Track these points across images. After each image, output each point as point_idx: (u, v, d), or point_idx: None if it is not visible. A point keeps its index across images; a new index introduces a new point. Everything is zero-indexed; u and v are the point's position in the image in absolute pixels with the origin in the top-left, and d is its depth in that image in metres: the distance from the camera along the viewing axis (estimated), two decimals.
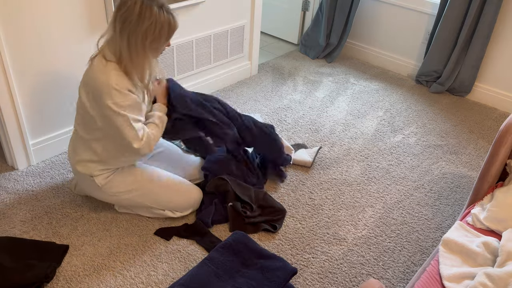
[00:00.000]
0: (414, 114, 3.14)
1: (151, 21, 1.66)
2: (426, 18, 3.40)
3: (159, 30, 1.69)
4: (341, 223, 2.18)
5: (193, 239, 2.02)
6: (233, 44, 3.20)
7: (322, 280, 1.89)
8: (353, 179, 2.48)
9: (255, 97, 3.20)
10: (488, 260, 1.55)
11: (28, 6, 2.04)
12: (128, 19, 1.66)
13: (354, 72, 3.68)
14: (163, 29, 1.69)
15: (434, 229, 2.19)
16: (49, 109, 2.34)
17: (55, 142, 2.44)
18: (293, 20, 4.03)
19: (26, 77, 2.18)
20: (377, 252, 2.04)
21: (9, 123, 2.21)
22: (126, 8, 1.66)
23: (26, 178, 2.31)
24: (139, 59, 1.73)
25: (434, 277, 1.52)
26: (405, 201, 2.35)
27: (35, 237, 1.99)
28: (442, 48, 3.29)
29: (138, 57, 1.72)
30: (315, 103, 3.19)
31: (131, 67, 1.73)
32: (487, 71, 3.26)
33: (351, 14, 3.58)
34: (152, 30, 1.67)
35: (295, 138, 2.79)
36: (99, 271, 1.86)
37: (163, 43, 1.75)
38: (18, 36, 2.07)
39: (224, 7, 2.98)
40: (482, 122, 3.09)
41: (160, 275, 1.86)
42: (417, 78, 3.52)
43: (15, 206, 2.13)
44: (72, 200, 2.19)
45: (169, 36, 1.75)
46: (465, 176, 2.56)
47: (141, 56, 1.73)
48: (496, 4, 2.96)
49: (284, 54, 3.92)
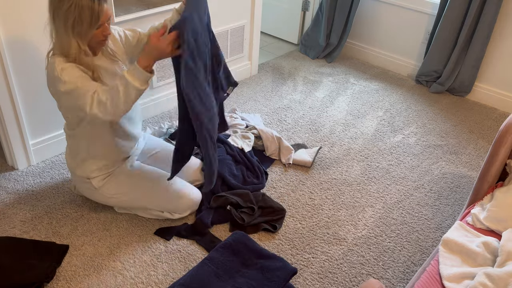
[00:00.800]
0: (414, 114, 3.14)
1: (70, 3, 1.59)
2: (426, 18, 3.40)
3: (79, 13, 1.60)
4: (341, 223, 2.18)
5: (193, 239, 2.02)
6: (233, 44, 3.20)
7: (322, 280, 1.89)
8: (353, 179, 2.48)
9: (255, 97, 3.20)
10: (488, 260, 1.55)
11: (28, 6, 2.04)
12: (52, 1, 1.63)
13: (354, 72, 3.68)
14: (83, 13, 1.61)
15: (434, 229, 2.19)
16: (49, 109, 2.34)
17: (55, 142, 2.44)
18: (293, 20, 4.03)
19: (26, 77, 2.18)
20: (377, 252, 2.04)
21: (9, 123, 2.21)
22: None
23: (26, 178, 2.31)
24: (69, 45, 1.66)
25: (434, 277, 1.52)
26: (405, 201, 2.35)
27: (35, 237, 1.99)
28: (442, 48, 3.29)
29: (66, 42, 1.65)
30: (315, 103, 3.19)
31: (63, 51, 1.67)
32: (487, 71, 3.26)
33: (351, 14, 3.58)
34: (72, 13, 1.60)
35: (295, 138, 2.79)
36: (99, 271, 1.86)
37: (87, 28, 1.64)
38: (18, 36, 2.07)
39: (224, 7, 2.98)
40: (482, 122, 3.09)
41: (160, 275, 1.86)
42: (417, 78, 3.52)
43: (15, 206, 2.13)
44: (72, 200, 2.19)
45: (92, 22, 1.64)
46: (465, 176, 2.56)
47: (66, 41, 1.65)
48: (496, 4, 2.96)
49: (284, 54, 3.92)
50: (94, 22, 1.65)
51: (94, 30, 1.67)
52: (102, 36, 1.72)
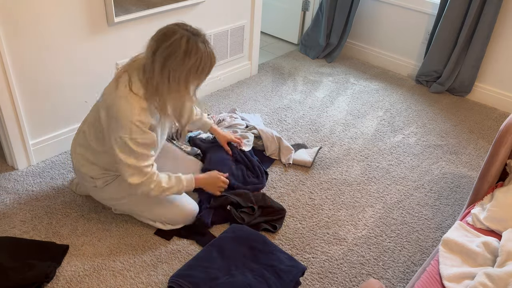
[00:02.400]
0: (414, 114, 3.14)
1: (197, 58, 1.59)
2: (426, 18, 3.40)
3: (203, 66, 1.62)
4: (341, 223, 2.18)
5: (193, 239, 2.02)
6: (233, 44, 3.20)
7: (322, 280, 1.89)
8: (353, 179, 2.48)
9: (255, 97, 3.20)
10: (488, 260, 1.55)
11: (28, 6, 2.04)
12: (173, 55, 1.58)
13: (354, 72, 3.68)
14: (206, 65, 1.63)
15: (434, 229, 2.19)
16: (49, 109, 2.34)
17: (55, 142, 2.44)
18: (293, 20, 4.03)
19: (26, 77, 2.18)
20: (377, 252, 2.04)
21: (9, 123, 2.21)
22: (171, 42, 1.57)
23: (26, 178, 2.31)
24: (179, 96, 1.67)
25: (434, 277, 1.52)
26: (405, 201, 2.35)
27: (35, 237, 1.98)
28: (442, 48, 3.29)
29: (178, 93, 1.66)
30: (315, 103, 3.19)
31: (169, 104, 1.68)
32: (487, 71, 3.26)
33: (351, 14, 3.58)
34: (196, 67, 1.61)
35: (295, 138, 2.79)
36: (99, 271, 1.86)
37: (203, 79, 1.68)
38: (18, 36, 2.07)
39: (224, 7, 2.98)
40: (482, 122, 3.09)
41: (160, 275, 1.86)
42: (417, 78, 3.52)
43: (15, 206, 2.13)
44: (72, 200, 2.19)
45: (210, 71, 1.68)
46: (465, 176, 2.56)
47: (181, 93, 1.66)
48: (496, 4, 2.96)
49: (284, 54, 3.92)
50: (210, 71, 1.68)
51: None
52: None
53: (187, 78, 1.63)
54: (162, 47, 1.59)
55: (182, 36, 1.58)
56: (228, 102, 3.11)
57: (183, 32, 1.60)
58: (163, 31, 1.62)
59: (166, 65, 1.60)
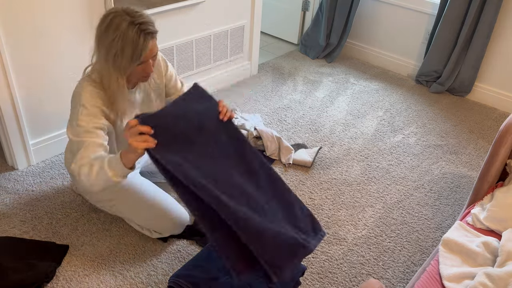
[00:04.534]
0: (414, 114, 3.14)
1: (116, 35, 1.54)
2: (426, 18, 3.40)
3: (122, 46, 1.54)
4: (341, 223, 2.18)
5: (193, 239, 2.02)
6: (233, 44, 3.20)
7: (322, 280, 1.89)
8: (353, 179, 2.48)
9: (255, 97, 3.20)
10: (488, 260, 1.55)
11: (28, 6, 2.04)
12: (99, 29, 1.59)
13: (354, 72, 3.68)
14: (126, 46, 1.54)
15: (434, 229, 2.19)
16: (49, 109, 2.34)
17: (55, 142, 2.44)
18: (293, 20, 4.03)
19: (26, 77, 2.18)
20: (377, 252, 2.04)
21: (9, 123, 2.21)
22: (102, 19, 1.58)
23: (26, 178, 2.31)
24: (107, 76, 1.63)
25: (434, 277, 1.52)
26: (405, 201, 2.35)
27: (35, 237, 1.99)
28: (442, 48, 3.29)
29: (106, 73, 1.63)
30: (315, 103, 3.19)
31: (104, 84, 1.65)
32: (487, 71, 3.26)
33: (351, 14, 3.58)
34: (114, 45, 1.54)
35: (295, 138, 2.79)
36: (99, 271, 1.86)
37: (127, 62, 1.57)
38: (18, 36, 2.07)
39: (224, 7, 2.98)
40: (482, 122, 3.09)
41: (160, 275, 1.86)
42: (417, 78, 3.52)
43: (15, 206, 2.13)
44: (72, 200, 2.19)
45: (133, 57, 1.56)
46: (465, 176, 2.56)
47: (106, 72, 1.62)
48: (496, 4, 2.96)
49: (284, 54, 3.92)
50: (135, 58, 1.58)
51: (134, 66, 1.61)
52: (144, 72, 1.66)
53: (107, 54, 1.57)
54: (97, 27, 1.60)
55: (112, 13, 1.56)
56: (228, 102, 3.11)
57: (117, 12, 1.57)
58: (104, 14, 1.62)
59: (96, 41, 1.60)
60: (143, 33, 1.54)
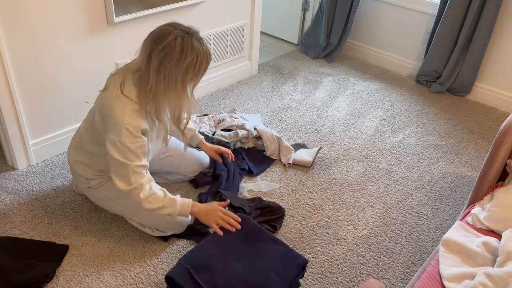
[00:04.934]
0: (414, 114, 3.14)
1: (193, 57, 1.57)
2: (426, 18, 3.40)
3: (199, 64, 1.60)
4: (341, 223, 2.18)
5: (193, 239, 2.02)
6: (233, 44, 3.20)
7: (322, 280, 1.89)
8: (353, 179, 2.48)
9: (255, 97, 3.20)
10: (488, 260, 1.55)
11: (28, 6, 2.04)
12: (168, 55, 1.56)
13: (354, 72, 3.68)
14: (202, 63, 1.61)
15: (434, 229, 2.19)
16: (49, 109, 2.34)
17: (55, 142, 2.44)
18: (293, 20, 4.03)
19: (26, 77, 2.18)
20: (377, 252, 2.04)
21: (9, 123, 2.21)
22: (166, 43, 1.56)
23: (26, 178, 2.31)
24: (177, 97, 1.66)
25: (434, 277, 1.52)
26: (405, 201, 2.35)
27: (35, 237, 1.98)
28: (442, 48, 3.29)
29: (176, 95, 1.65)
30: (315, 103, 3.19)
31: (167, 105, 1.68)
32: (487, 71, 3.26)
33: (351, 14, 3.58)
34: (193, 66, 1.59)
35: (295, 138, 2.79)
36: (99, 271, 1.86)
37: (200, 77, 1.66)
38: (18, 36, 2.07)
39: (224, 7, 2.98)
40: (482, 122, 3.09)
41: (160, 275, 1.86)
42: (417, 78, 3.52)
43: (15, 206, 2.13)
44: (72, 200, 2.19)
45: (206, 69, 1.66)
46: (465, 176, 2.56)
47: (179, 93, 1.64)
48: (496, 4, 2.96)
49: (284, 54, 3.92)
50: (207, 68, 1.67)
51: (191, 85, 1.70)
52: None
53: (184, 78, 1.61)
54: (157, 49, 1.57)
55: (176, 36, 1.57)
56: (228, 102, 3.11)
57: (176, 32, 1.58)
58: (157, 33, 1.61)
59: (162, 66, 1.58)
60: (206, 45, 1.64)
